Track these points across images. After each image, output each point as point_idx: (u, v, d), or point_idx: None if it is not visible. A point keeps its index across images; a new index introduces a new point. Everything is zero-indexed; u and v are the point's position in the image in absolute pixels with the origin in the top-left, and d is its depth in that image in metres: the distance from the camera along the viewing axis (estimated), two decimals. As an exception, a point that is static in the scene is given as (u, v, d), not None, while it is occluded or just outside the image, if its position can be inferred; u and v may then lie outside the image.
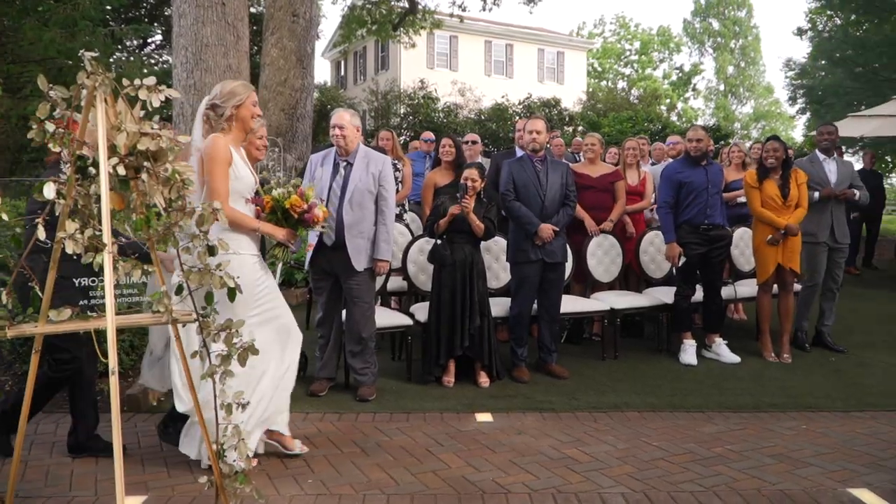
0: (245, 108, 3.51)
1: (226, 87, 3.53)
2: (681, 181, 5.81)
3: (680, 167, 5.93)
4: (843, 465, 3.76)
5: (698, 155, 5.86)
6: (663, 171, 6.16)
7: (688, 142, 5.97)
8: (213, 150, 3.37)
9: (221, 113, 3.47)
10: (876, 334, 6.95)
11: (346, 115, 4.78)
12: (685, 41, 45.20)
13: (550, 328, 5.55)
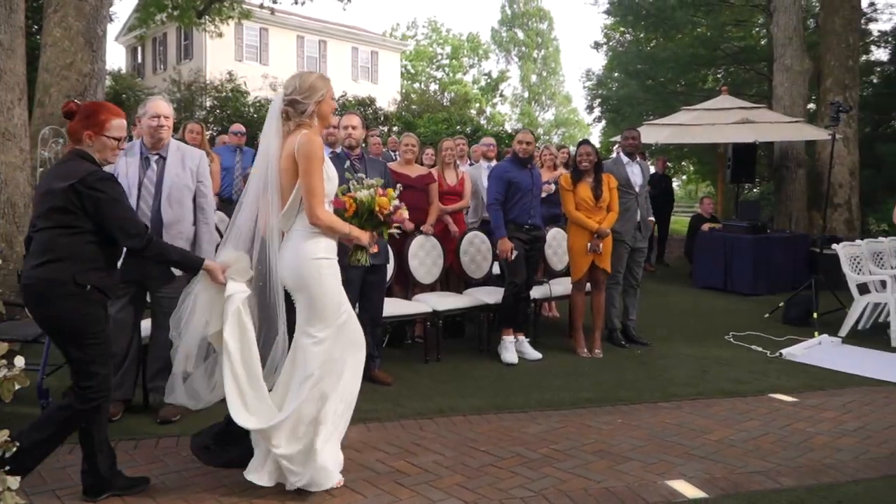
0: (326, 103, 3.33)
1: (305, 81, 3.32)
2: (510, 180, 5.87)
3: (509, 167, 6.00)
4: (659, 458, 3.91)
5: (526, 157, 5.96)
6: (493, 170, 6.20)
7: (517, 143, 6.04)
8: (311, 149, 3.18)
9: (303, 110, 3.26)
10: (674, 327, 7.49)
11: (165, 105, 4.33)
12: (493, 49, 47.06)
13: (373, 332, 5.33)
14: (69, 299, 2.96)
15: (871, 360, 6.33)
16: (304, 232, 3.25)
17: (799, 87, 11.57)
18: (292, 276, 3.26)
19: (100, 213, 2.98)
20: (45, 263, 2.95)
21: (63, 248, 2.96)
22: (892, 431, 4.40)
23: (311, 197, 3.18)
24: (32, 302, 3.00)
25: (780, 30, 11.70)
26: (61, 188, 2.93)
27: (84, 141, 3.07)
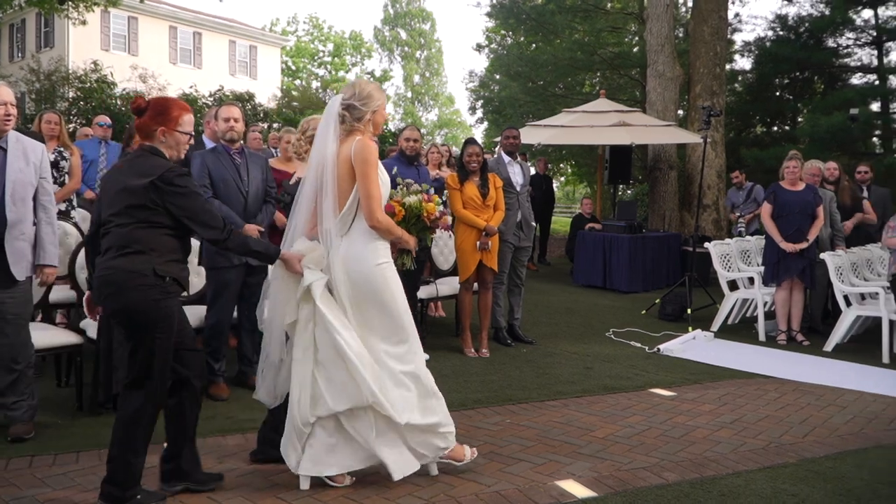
0: (380, 113, 3.43)
1: (363, 89, 3.39)
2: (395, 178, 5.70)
3: (395, 165, 5.82)
4: (547, 458, 3.86)
5: (413, 154, 5.82)
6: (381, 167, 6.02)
7: (404, 140, 5.89)
8: (368, 154, 3.27)
9: (360, 116, 3.36)
10: (558, 325, 7.59)
11: (7, 90, 3.92)
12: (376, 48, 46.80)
13: (252, 337, 5.04)
14: (149, 290, 2.96)
15: (741, 353, 6.64)
16: (363, 237, 3.32)
17: (670, 93, 12.11)
18: (360, 286, 3.31)
19: (179, 208, 3.01)
20: (126, 255, 2.96)
21: (143, 241, 2.98)
22: (766, 423, 4.58)
23: (371, 200, 3.26)
24: (110, 292, 2.97)
25: (654, 37, 12.20)
26: (141, 185, 2.96)
27: (157, 137, 3.09)
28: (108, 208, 3.06)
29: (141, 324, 2.98)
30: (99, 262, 3.05)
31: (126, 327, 3.05)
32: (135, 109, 3.11)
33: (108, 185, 3.12)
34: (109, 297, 2.98)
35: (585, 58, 16.29)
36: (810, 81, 16.10)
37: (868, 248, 7.81)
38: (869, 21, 14.96)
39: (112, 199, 3.04)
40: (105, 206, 3.09)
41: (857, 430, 4.52)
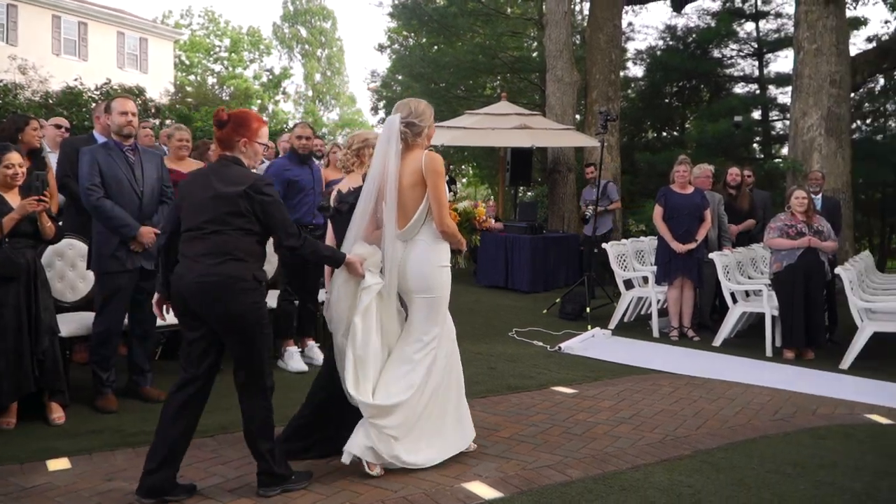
0: (432, 127, 3.74)
1: (417, 107, 3.69)
2: (289, 179, 5.55)
3: (287, 164, 5.67)
4: (454, 460, 3.84)
5: (305, 153, 5.68)
6: (270, 168, 5.85)
7: (296, 139, 5.73)
8: (437, 165, 3.60)
9: (419, 132, 3.65)
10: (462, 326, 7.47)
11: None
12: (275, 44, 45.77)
13: (144, 345, 4.79)
14: (250, 294, 3.19)
15: (637, 350, 6.88)
16: (430, 240, 3.66)
17: (569, 97, 12.44)
18: (420, 281, 3.65)
19: (267, 216, 3.22)
20: (227, 262, 3.15)
21: (241, 248, 3.19)
22: (662, 417, 4.75)
23: (442, 208, 3.59)
24: (214, 298, 3.14)
25: (552, 43, 12.50)
26: (234, 193, 3.16)
27: (238, 148, 3.31)
28: (199, 214, 3.21)
29: (247, 327, 3.21)
30: (192, 268, 3.18)
31: (232, 332, 3.22)
32: (217, 122, 3.31)
33: (194, 192, 3.27)
34: (214, 302, 3.15)
35: (487, 61, 16.49)
36: (697, 89, 16.93)
37: (752, 247, 8.27)
38: (751, 34, 15.90)
39: (203, 205, 3.21)
40: (192, 213, 3.25)
41: (746, 422, 4.75)
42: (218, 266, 3.14)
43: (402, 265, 3.66)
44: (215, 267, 3.14)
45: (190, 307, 3.23)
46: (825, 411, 5.12)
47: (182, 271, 3.22)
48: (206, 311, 3.19)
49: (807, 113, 11.55)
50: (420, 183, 3.59)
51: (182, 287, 3.21)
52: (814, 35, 11.47)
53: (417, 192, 3.60)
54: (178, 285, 3.23)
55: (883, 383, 6.06)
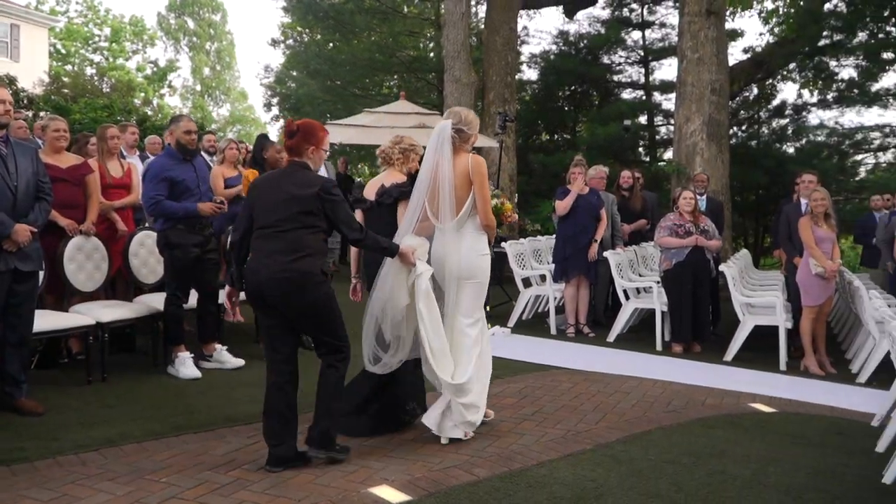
0: (475, 135, 4.15)
1: (467, 115, 4.14)
2: (172, 179, 5.25)
3: (169, 164, 5.36)
4: (359, 464, 3.75)
5: (193, 149, 5.42)
6: (151, 165, 5.54)
7: (185, 134, 5.41)
8: (483, 168, 4.07)
9: (466, 138, 4.09)
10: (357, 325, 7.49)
11: None
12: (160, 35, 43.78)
13: (19, 353, 4.40)
14: (321, 286, 3.59)
15: (536, 347, 6.99)
16: (474, 232, 4.12)
17: (467, 98, 12.53)
18: (469, 267, 4.11)
19: (334, 214, 3.58)
20: (301, 258, 3.52)
21: (311, 245, 3.56)
22: (563, 412, 4.83)
23: (486, 204, 4.07)
24: (293, 291, 3.52)
25: (450, 43, 12.56)
26: (308, 195, 3.53)
27: (306, 154, 3.66)
28: (273, 214, 3.56)
29: (323, 314, 3.64)
30: (267, 263, 3.55)
31: (307, 319, 3.66)
32: (288, 132, 3.69)
33: (266, 194, 3.64)
34: (293, 295, 3.54)
35: (384, 59, 16.40)
36: (588, 94, 17.52)
37: (643, 246, 8.59)
38: (638, 42, 16.59)
39: (276, 206, 3.56)
40: (265, 212, 3.60)
41: (642, 414, 4.91)
42: (293, 263, 3.51)
43: (453, 254, 4.10)
44: (290, 263, 3.51)
45: (266, 299, 3.59)
46: (713, 402, 5.37)
47: (257, 266, 3.59)
48: (282, 302, 3.56)
49: (690, 119, 12.17)
50: (467, 183, 4.05)
51: (259, 281, 3.57)
52: (696, 45, 12.09)
53: (464, 191, 4.05)
54: (255, 279, 3.59)
55: (762, 374, 6.44)
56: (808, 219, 6.74)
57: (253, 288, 3.61)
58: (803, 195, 7.37)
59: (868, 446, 4.49)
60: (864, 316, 6.70)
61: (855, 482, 3.87)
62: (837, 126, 16.13)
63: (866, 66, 15.66)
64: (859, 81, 15.95)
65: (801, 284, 6.76)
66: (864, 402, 5.59)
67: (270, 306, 3.61)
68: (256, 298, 3.64)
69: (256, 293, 3.61)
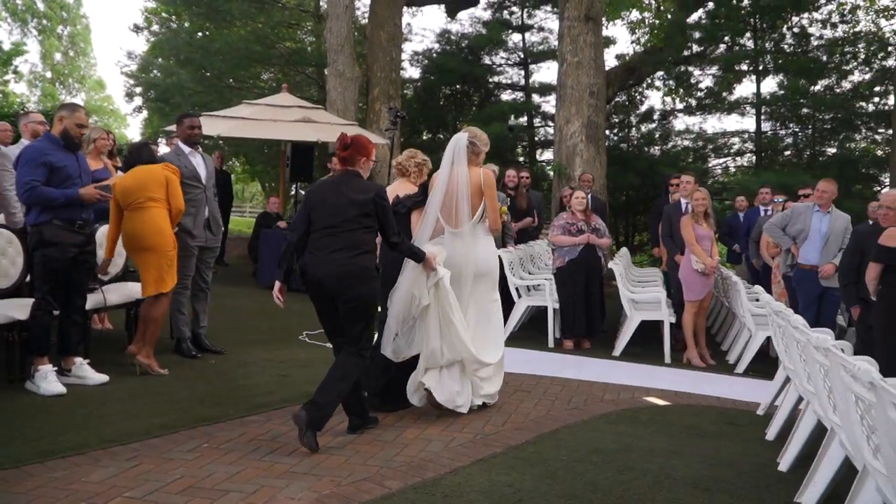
0: (484, 152, 4.84)
1: (481, 135, 4.85)
2: (52, 164, 4.67)
3: (49, 149, 4.76)
4: (259, 483, 3.43)
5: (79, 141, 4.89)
6: (26, 149, 4.88)
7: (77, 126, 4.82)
8: (492, 181, 4.77)
9: (478, 152, 4.76)
10: (246, 331, 7.07)
11: None
12: (5, 16, 40.07)
13: None
14: (374, 280, 4.15)
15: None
16: (485, 235, 4.75)
17: (350, 93, 12.21)
18: (486, 264, 4.77)
19: (385, 217, 4.08)
20: (360, 255, 4.00)
21: (367, 244, 4.06)
22: (469, 415, 4.68)
23: (495, 212, 4.70)
24: (351, 283, 3.95)
25: (333, 37, 12.18)
26: (366, 199, 4.02)
27: (359, 164, 4.17)
28: (334, 216, 3.99)
29: (368, 306, 4.06)
30: (329, 259, 3.95)
31: (357, 309, 4.00)
32: (342, 145, 4.13)
33: (328, 199, 4.06)
34: (350, 286, 3.94)
35: (262, 51, 15.70)
36: (469, 94, 17.61)
37: (531, 244, 8.65)
38: (518, 44, 16.86)
39: (338, 209, 3.99)
40: (326, 215, 4.01)
41: (546, 413, 4.86)
42: (353, 258, 3.94)
43: (471, 255, 4.68)
44: (351, 259, 3.94)
45: (325, 290, 3.99)
46: (611, 397, 5.42)
47: (317, 262, 3.98)
48: (342, 293, 3.95)
49: (570, 120, 12.45)
50: (479, 192, 4.66)
51: (320, 275, 3.97)
52: (575, 49, 12.38)
53: (477, 199, 4.67)
54: (316, 273, 3.98)
55: (651, 367, 6.61)
56: (690, 218, 6.99)
57: (314, 281, 4.02)
58: (683, 195, 7.65)
59: (759, 435, 4.67)
60: (740, 310, 7.04)
61: (754, 471, 3.98)
62: (702, 131, 17.15)
63: (723, 76, 16.72)
64: (716, 90, 17.01)
65: (684, 280, 7.01)
66: (747, 392, 5.84)
67: (328, 297, 4.03)
68: (315, 290, 4.05)
69: (316, 285, 4.03)
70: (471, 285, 4.69)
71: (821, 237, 6.68)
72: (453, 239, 4.68)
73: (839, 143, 16.12)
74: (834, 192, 6.77)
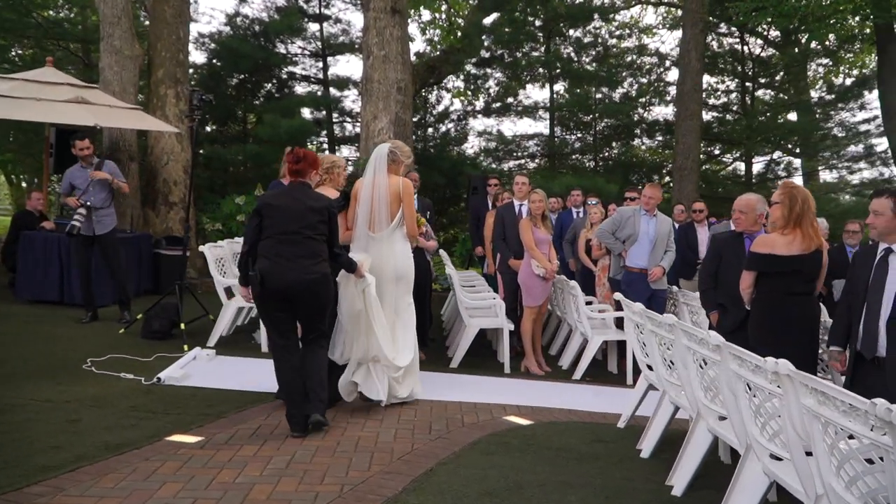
0: (404, 164, 5.21)
1: (403, 146, 5.24)
2: None
3: None
4: None
5: None
6: None
7: None
8: (410, 189, 5.16)
9: (398, 162, 5.13)
10: (12, 362, 5.62)
11: None
12: None
13: None
14: (331, 286, 4.52)
15: (251, 371, 5.81)
16: (402, 240, 5.14)
17: (129, 73, 10.56)
18: (404, 267, 5.12)
19: (334, 227, 4.46)
20: (320, 262, 4.33)
21: (324, 252, 4.38)
22: (324, 458, 3.92)
23: (412, 219, 5.14)
24: (315, 289, 4.30)
25: (108, 6, 10.44)
26: (321, 206, 4.37)
27: (310, 176, 4.52)
28: (293, 223, 4.28)
29: (326, 308, 4.50)
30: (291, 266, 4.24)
31: (317, 312, 4.41)
32: (294, 159, 4.45)
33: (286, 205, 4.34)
34: (316, 293, 4.33)
35: (18, 19, 13.18)
36: (260, 84, 16.33)
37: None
38: (316, 34, 15.92)
39: (297, 215, 4.30)
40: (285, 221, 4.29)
41: (410, 447, 4.21)
42: (314, 266, 4.28)
43: (389, 258, 5.01)
44: (313, 266, 4.27)
45: (289, 295, 4.27)
46: (470, 419, 4.92)
47: (282, 269, 4.22)
48: (304, 298, 4.30)
49: (377, 117, 11.89)
50: (397, 199, 5.00)
51: (289, 281, 4.22)
52: (382, 42, 11.84)
53: (396, 206, 5.00)
54: (284, 279, 4.22)
55: (495, 380, 6.27)
56: (529, 221, 6.75)
57: (276, 287, 4.22)
58: (517, 197, 7.41)
59: (633, 452, 4.44)
60: (575, 315, 6.93)
61: (652, 499, 3.67)
62: (499, 133, 17.50)
63: (512, 80, 17.18)
64: (502, 94, 17.42)
65: (524, 285, 6.75)
66: (597, 402, 5.69)
67: (288, 301, 4.29)
68: (278, 294, 4.25)
69: (279, 291, 4.24)
70: (391, 287, 5.04)
71: (649, 241, 6.76)
72: (373, 243, 5.03)
73: (621, 148, 17.28)
74: (659, 197, 6.89)
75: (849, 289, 3.82)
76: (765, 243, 4.15)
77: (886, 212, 3.45)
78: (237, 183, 13.77)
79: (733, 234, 4.84)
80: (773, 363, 2.67)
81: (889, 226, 3.46)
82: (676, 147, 13.84)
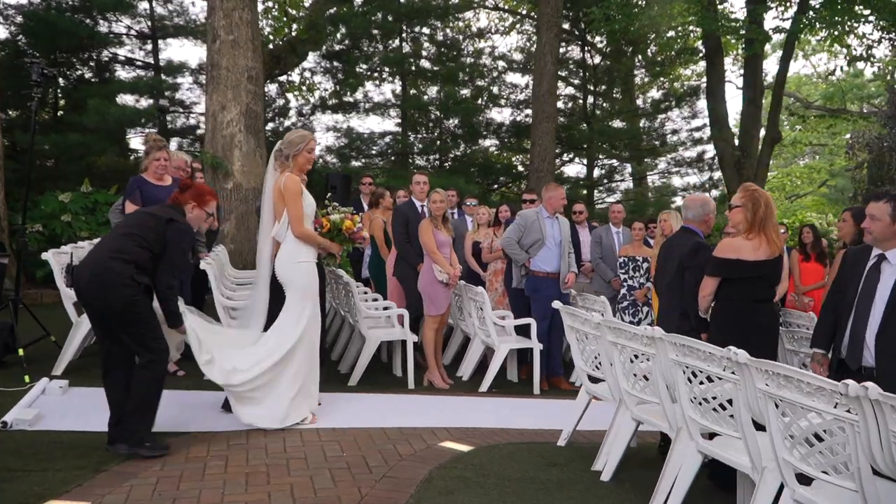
0: (301, 155, 4.73)
1: (288, 137, 4.79)
2: None
3: None
4: None
5: None
6: None
7: None
8: (290, 185, 4.64)
9: (286, 155, 4.72)
10: None
11: None
12: None
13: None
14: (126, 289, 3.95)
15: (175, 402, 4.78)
16: (292, 242, 4.69)
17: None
18: (284, 275, 4.70)
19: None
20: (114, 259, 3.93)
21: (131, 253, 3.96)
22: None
23: (293, 219, 4.66)
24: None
25: None
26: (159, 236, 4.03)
27: (187, 206, 4.22)
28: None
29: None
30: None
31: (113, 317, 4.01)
32: (182, 186, 4.29)
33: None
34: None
35: None
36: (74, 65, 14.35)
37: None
38: (146, 12, 14.25)
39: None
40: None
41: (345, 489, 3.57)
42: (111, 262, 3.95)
43: (269, 261, 4.81)
44: (109, 262, 3.94)
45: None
46: (405, 449, 4.32)
47: None
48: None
49: (226, 107, 10.88)
50: (280, 198, 4.69)
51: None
52: (230, 25, 10.84)
53: (279, 206, 4.72)
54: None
55: (403, 397, 5.74)
56: (430, 222, 6.25)
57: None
58: (417, 197, 6.87)
59: (591, 475, 4.13)
60: (477, 322, 6.54)
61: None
62: (349, 129, 16.79)
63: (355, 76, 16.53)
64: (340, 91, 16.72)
65: (425, 293, 6.25)
66: (523, 418, 5.37)
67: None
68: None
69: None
70: (264, 294, 4.80)
71: (556, 244, 6.55)
72: (260, 243, 4.86)
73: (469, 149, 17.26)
74: (564, 198, 6.70)
75: (836, 288, 3.71)
76: (731, 248, 3.97)
77: (884, 217, 3.36)
78: (53, 178, 11.96)
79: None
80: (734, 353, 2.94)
81: (886, 232, 3.37)
82: (532, 149, 13.94)
